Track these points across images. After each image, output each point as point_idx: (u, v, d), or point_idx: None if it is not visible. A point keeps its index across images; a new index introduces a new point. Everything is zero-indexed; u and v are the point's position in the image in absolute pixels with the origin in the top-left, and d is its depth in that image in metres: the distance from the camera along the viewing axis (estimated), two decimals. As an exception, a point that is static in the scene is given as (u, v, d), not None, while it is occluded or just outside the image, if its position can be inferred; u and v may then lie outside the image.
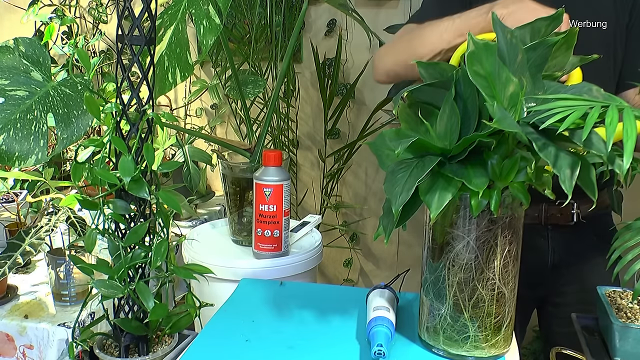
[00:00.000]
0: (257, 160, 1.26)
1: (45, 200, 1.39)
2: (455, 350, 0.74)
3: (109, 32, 2.30)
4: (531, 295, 1.25)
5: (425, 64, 0.75)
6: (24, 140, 0.88)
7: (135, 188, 0.83)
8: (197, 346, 0.80)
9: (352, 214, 2.33)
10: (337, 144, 2.24)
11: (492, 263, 0.71)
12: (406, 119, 0.75)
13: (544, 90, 0.69)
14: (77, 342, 0.88)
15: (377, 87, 2.17)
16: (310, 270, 1.18)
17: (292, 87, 2.18)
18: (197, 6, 1.09)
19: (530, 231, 0.85)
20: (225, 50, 1.35)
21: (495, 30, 0.69)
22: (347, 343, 0.80)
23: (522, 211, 0.73)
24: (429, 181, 0.67)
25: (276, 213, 1.09)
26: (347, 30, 2.15)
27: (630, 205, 1.35)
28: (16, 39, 0.95)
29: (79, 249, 1.18)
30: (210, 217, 2.01)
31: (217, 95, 2.21)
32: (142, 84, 0.85)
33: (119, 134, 0.86)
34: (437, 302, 0.74)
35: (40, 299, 1.31)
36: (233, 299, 0.95)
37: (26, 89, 0.91)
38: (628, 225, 0.78)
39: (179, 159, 1.62)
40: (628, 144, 0.56)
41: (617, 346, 0.76)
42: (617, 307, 0.81)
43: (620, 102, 0.60)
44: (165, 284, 0.89)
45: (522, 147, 0.67)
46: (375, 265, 2.38)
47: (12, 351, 1.23)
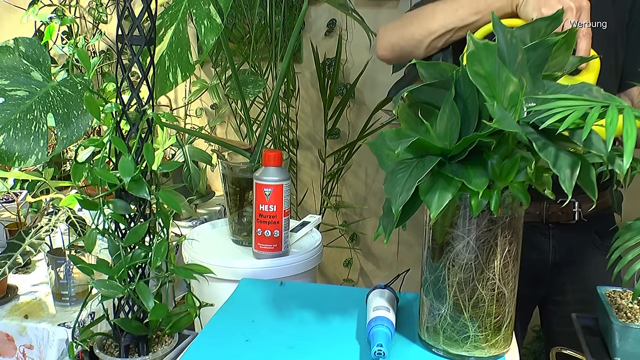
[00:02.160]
0: (257, 160, 1.26)
1: (45, 200, 1.39)
2: (455, 350, 0.74)
3: (109, 32, 2.30)
4: (532, 294, 1.25)
5: (426, 64, 0.75)
6: (24, 140, 0.88)
7: (135, 188, 0.83)
8: (197, 346, 0.80)
9: (352, 214, 2.33)
10: (337, 144, 2.24)
11: (492, 263, 0.71)
12: (406, 119, 0.75)
13: (544, 90, 0.69)
14: (77, 342, 0.88)
15: (377, 87, 2.17)
16: (310, 270, 1.18)
17: (292, 87, 2.18)
18: (198, 6, 1.09)
19: (531, 229, 0.84)
20: (225, 50, 1.35)
21: (495, 31, 0.69)
22: (347, 343, 0.80)
23: (522, 211, 0.73)
24: (429, 181, 0.67)
25: (276, 213, 1.09)
26: (347, 30, 2.15)
27: (630, 205, 1.35)
28: (16, 39, 0.95)
29: (79, 249, 1.18)
30: (210, 217, 2.01)
31: (217, 95, 2.21)
32: (142, 84, 0.85)
33: (119, 134, 0.86)
34: (437, 302, 0.74)
35: (40, 299, 1.31)
36: (233, 299, 0.95)
37: (26, 89, 0.91)
38: (628, 225, 0.78)
39: (179, 159, 1.62)
40: (628, 144, 0.56)
41: (617, 346, 0.76)
42: (617, 307, 0.81)
43: (620, 102, 0.60)
44: (165, 284, 0.89)
45: (522, 147, 0.67)
46: (375, 265, 2.38)
47: (12, 351, 1.23)
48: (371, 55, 2.11)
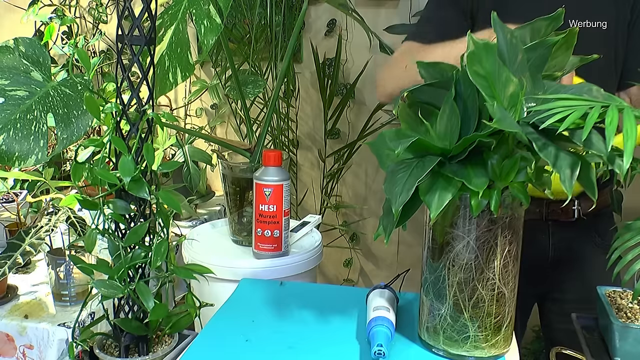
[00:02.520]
0: (257, 160, 1.26)
1: (45, 200, 1.39)
2: (455, 350, 0.74)
3: (109, 32, 2.30)
4: (532, 292, 1.25)
5: (426, 64, 0.75)
6: (24, 140, 0.88)
7: (135, 188, 0.83)
8: (197, 346, 0.80)
9: (352, 214, 2.33)
10: (337, 144, 2.24)
11: (492, 263, 0.71)
12: (406, 119, 0.75)
13: (544, 90, 0.69)
14: (77, 342, 0.88)
15: (377, 87, 2.17)
16: (310, 270, 1.18)
17: (292, 87, 2.17)
18: (198, 6, 1.09)
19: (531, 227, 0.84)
20: (225, 50, 1.35)
21: (495, 31, 0.69)
22: (347, 343, 0.80)
23: (522, 211, 0.73)
24: (429, 181, 0.67)
25: (276, 213, 1.09)
26: (347, 30, 2.15)
27: (630, 205, 1.35)
28: (16, 39, 0.95)
29: (79, 249, 1.18)
30: (210, 217, 2.01)
31: (217, 95, 2.21)
32: (142, 84, 0.85)
33: (119, 134, 0.86)
34: (437, 302, 0.74)
35: (40, 299, 1.31)
36: (233, 299, 0.95)
37: (26, 89, 0.91)
38: (628, 225, 0.78)
39: (179, 159, 1.62)
40: (628, 144, 0.56)
41: (617, 346, 0.76)
42: (617, 307, 0.81)
43: (620, 102, 0.60)
44: (165, 284, 0.89)
45: (522, 147, 0.67)
46: (375, 265, 2.38)
47: (12, 351, 1.23)
48: (371, 55, 2.11)
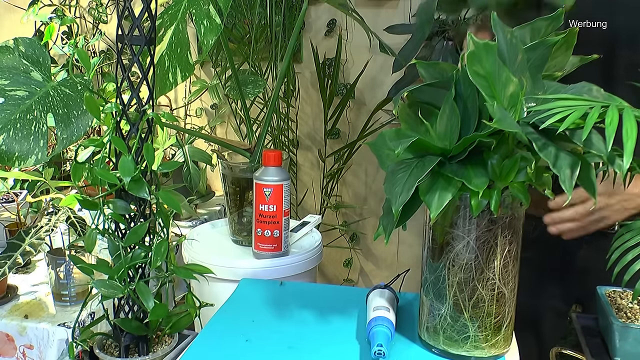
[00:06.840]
0: (257, 160, 1.26)
1: (45, 200, 1.39)
2: (455, 350, 0.74)
3: (109, 32, 2.30)
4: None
5: (426, 64, 0.75)
6: (24, 140, 0.88)
7: (135, 188, 0.83)
8: (197, 346, 0.80)
9: (352, 214, 2.33)
10: (337, 144, 2.24)
11: (492, 263, 0.71)
12: (406, 119, 0.75)
13: (544, 90, 0.69)
14: (77, 342, 0.88)
15: (377, 87, 2.17)
16: (310, 270, 1.18)
17: (292, 87, 2.17)
18: (198, 6, 1.09)
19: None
20: (225, 50, 1.35)
21: (495, 31, 0.69)
22: (347, 343, 0.80)
23: (522, 211, 0.73)
24: (429, 181, 0.67)
25: (276, 213, 1.09)
26: (347, 30, 2.15)
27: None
28: (16, 39, 0.95)
29: (79, 249, 1.18)
30: (210, 217, 2.01)
31: (217, 95, 2.21)
32: (142, 84, 0.85)
33: (119, 134, 0.86)
34: (437, 302, 0.74)
35: (40, 299, 1.31)
36: (233, 299, 0.95)
37: (26, 89, 0.90)
38: (628, 225, 0.78)
39: (179, 159, 1.62)
40: (628, 144, 0.56)
41: (617, 346, 0.76)
42: (617, 307, 0.81)
43: (620, 101, 0.60)
44: (165, 284, 0.89)
45: (522, 147, 0.67)
46: (375, 265, 2.38)
47: (12, 351, 1.23)
48: (371, 55, 2.11)
